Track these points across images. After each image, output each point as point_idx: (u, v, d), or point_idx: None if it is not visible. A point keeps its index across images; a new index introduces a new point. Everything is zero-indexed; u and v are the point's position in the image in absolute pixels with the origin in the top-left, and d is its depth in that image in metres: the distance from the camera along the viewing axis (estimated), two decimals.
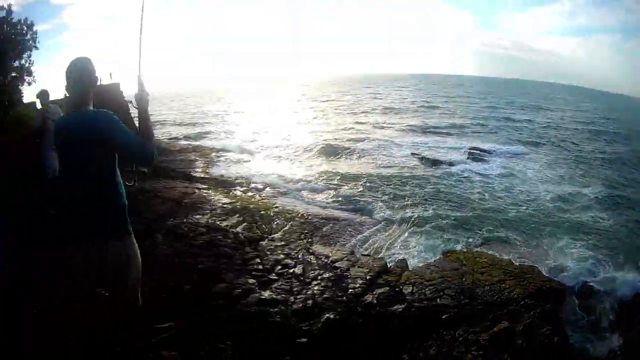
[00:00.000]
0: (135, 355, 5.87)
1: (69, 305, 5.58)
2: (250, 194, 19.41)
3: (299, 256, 12.17)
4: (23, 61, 34.00)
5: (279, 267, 11.24)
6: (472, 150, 35.87)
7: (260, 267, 10.97)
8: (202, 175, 21.25)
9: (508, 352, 9.10)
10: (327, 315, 9.30)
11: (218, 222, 14.00)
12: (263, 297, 9.47)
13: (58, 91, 17.39)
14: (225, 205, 15.89)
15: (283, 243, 12.96)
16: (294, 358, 7.90)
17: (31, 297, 4.64)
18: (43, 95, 13.87)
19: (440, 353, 8.86)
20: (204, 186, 18.55)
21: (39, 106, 15.19)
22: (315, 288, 10.43)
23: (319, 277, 11.05)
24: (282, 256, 11.91)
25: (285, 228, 15.06)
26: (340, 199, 21.32)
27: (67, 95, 4.58)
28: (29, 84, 34.88)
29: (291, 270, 11.16)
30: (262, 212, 16.28)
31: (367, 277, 11.37)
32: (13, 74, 33.34)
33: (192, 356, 6.89)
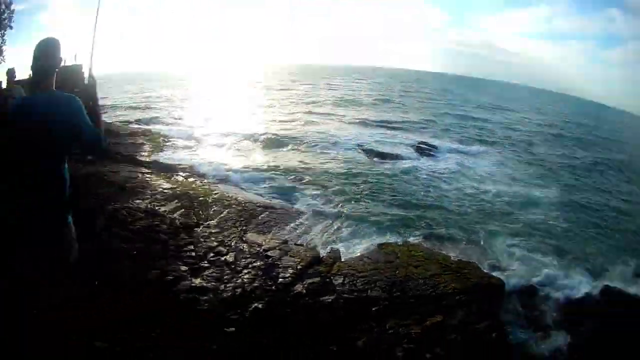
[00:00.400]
0: None
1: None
2: (191, 179, 19.33)
3: (232, 244, 12.29)
4: None
5: (212, 254, 11.32)
6: (421, 146, 35.75)
7: (194, 254, 11.02)
8: (147, 160, 21.05)
9: (441, 347, 9.31)
10: (256, 304, 9.44)
11: (157, 208, 13.97)
12: (194, 284, 9.55)
13: (26, 71, 17.19)
14: (166, 191, 15.84)
15: (218, 230, 13.08)
16: (222, 347, 8.00)
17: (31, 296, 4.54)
18: (9, 73, 13.73)
19: (368, 345, 9.03)
20: (147, 171, 18.41)
21: (4, 85, 15.02)
22: (246, 277, 10.56)
23: (250, 266, 11.18)
24: (215, 243, 11.98)
25: (221, 215, 15.07)
26: (280, 188, 21.28)
27: (31, 75, 4.36)
28: None
29: (223, 258, 11.24)
30: (200, 198, 16.32)
31: (298, 267, 11.53)
32: None
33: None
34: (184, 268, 10.16)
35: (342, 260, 13.08)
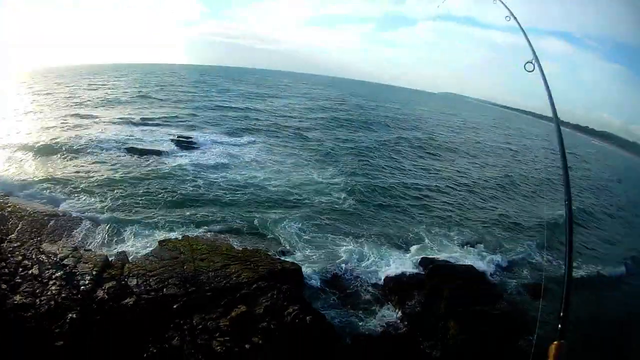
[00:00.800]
0: None
1: None
2: None
3: (34, 256, 12.84)
4: None
5: (20, 269, 11.95)
6: (182, 140, 35.79)
7: (6, 270, 11.60)
8: None
9: (257, 335, 10.40)
10: (70, 314, 10.47)
11: None
12: (16, 301, 10.34)
13: None
14: None
15: (19, 244, 13.49)
16: None
17: None
18: None
19: (184, 342, 10.07)
20: None
21: None
22: (53, 288, 11.38)
23: (54, 277, 11.93)
24: (20, 257, 12.53)
25: (18, 227, 15.22)
26: (61, 195, 21.02)
27: None
28: None
29: (30, 272, 11.90)
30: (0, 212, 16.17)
31: (94, 273, 12.47)
32: None
33: None
34: (4, 286, 10.82)
35: (130, 261, 14.11)
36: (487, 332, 13.21)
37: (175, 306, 11.50)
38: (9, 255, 12.55)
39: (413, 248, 20.33)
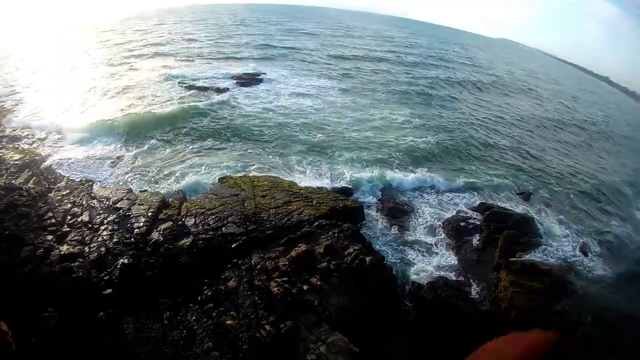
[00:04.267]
0: None
1: None
2: (35, 145, 18.65)
3: (84, 202, 12.53)
4: None
5: (69, 217, 11.65)
6: (251, 78, 35.51)
7: (53, 220, 11.29)
8: None
9: (316, 276, 9.92)
10: (121, 260, 10.16)
11: (13, 181, 13.79)
12: (62, 252, 10.02)
13: None
14: (16, 162, 15.46)
15: (68, 191, 13.19)
16: (107, 312, 8.64)
17: None
18: None
19: (241, 283, 9.67)
20: None
21: None
22: (105, 234, 11.10)
23: (106, 222, 11.66)
24: (69, 205, 12.22)
25: (67, 174, 15.23)
26: (122, 137, 20.79)
27: None
28: None
29: (80, 219, 11.60)
30: (46, 163, 16.26)
31: (149, 214, 12.12)
32: None
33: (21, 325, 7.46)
34: (49, 237, 10.51)
35: (188, 200, 13.70)
36: (533, 287, 12.28)
37: (233, 245, 11.14)
38: (57, 204, 12.30)
39: (477, 192, 19.66)
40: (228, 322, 8.54)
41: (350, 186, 17.80)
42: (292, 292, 9.29)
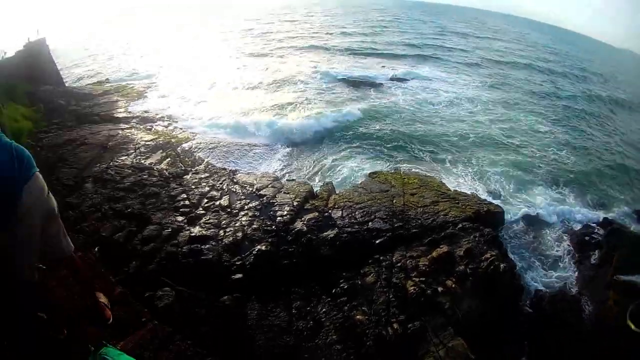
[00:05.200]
0: None
1: None
2: (171, 128, 18.76)
3: (224, 187, 12.02)
4: None
5: (205, 200, 11.06)
6: (401, 75, 35.07)
7: (187, 202, 10.75)
8: (125, 116, 19.92)
9: (452, 279, 9.09)
10: (259, 246, 9.26)
11: (143, 161, 13.54)
12: (193, 234, 9.32)
13: None
14: (148, 143, 15.26)
15: (207, 175, 12.77)
16: (232, 297, 7.93)
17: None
18: None
19: (379, 280, 8.91)
20: (127, 126, 17.68)
21: None
22: (244, 219, 10.33)
23: (246, 207, 10.95)
24: (207, 189, 11.72)
25: (208, 159, 14.84)
26: (262, 127, 20.22)
27: None
28: None
29: (217, 203, 10.99)
30: (184, 145, 16.01)
31: (295, 204, 11.36)
32: None
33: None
34: (180, 218, 9.90)
35: (337, 192, 12.95)
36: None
37: (378, 241, 10.25)
38: (193, 186, 11.73)
39: (604, 208, 18.10)
40: (358, 317, 8.06)
41: (494, 189, 17.54)
42: (427, 292, 8.73)
